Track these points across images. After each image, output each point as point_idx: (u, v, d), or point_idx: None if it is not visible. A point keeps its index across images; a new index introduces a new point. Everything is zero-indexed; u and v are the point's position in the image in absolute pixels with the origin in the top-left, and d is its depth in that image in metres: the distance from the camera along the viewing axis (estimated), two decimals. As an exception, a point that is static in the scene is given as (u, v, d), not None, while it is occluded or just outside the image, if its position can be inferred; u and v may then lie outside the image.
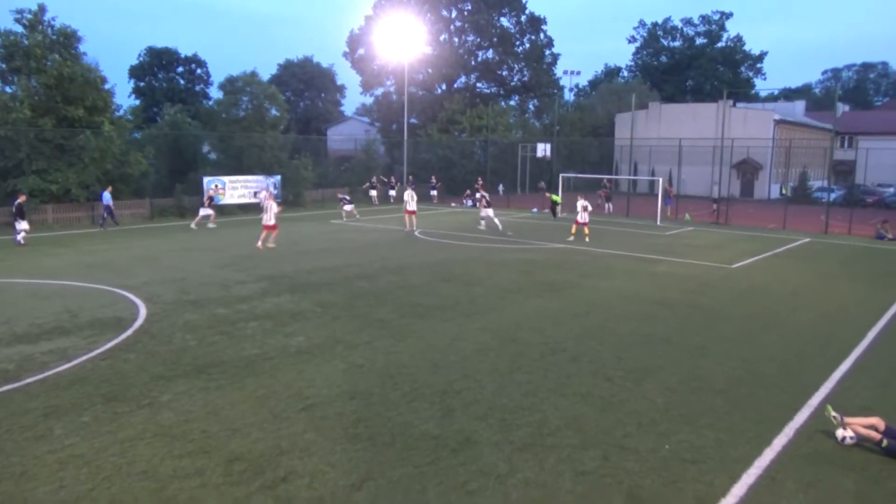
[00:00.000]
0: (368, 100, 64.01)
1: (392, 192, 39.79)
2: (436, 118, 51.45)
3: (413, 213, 25.78)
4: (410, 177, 42.18)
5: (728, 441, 6.95)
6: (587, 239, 22.59)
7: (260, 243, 20.43)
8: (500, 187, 45.28)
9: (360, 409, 7.61)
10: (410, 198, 25.88)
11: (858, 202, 39.14)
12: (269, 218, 20.52)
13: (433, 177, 40.99)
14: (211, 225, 26.56)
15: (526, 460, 6.42)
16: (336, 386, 8.34)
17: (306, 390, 8.17)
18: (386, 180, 40.62)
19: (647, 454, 6.62)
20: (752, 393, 8.38)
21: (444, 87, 55.96)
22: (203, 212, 26.72)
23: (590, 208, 23.48)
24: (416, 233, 24.72)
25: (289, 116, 40.11)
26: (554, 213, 31.91)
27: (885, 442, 6.72)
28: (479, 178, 39.12)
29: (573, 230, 23.45)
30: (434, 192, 39.67)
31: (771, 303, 13.74)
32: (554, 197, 32.18)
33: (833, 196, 35.64)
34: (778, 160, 48.90)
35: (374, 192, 38.56)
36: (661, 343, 10.48)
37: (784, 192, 44.52)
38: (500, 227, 25.47)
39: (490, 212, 26.03)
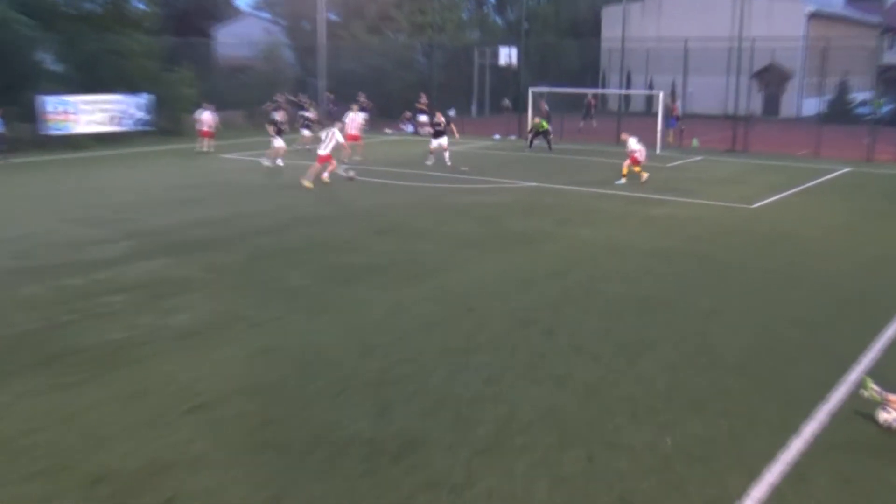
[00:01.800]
0: (270, -12, 62.23)
1: (308, 115, 39.19)
2: (363, 14, 50.45)
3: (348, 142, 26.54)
4: (330, 94, 41.46)
5: (745, 431, 7.20)
6: (644, 177, 21.94)
7: (308, 183, 20.70)
8: (452, 109, 44.93)
9: (268, 408, 7.57)
10: (351, 121, 27.05)
11: (911, 119, 40.40)
12: (324, 147, 20.86)
13: (361, 95, 40.40)
14: (278, 161, 25.60)
15: (489, 466, 6.53)
16: (235, 378, 8.27)
17: (195, 385, 8.09)
18: (295, 99, 39.86)
19: (644, 451, 6.80)
20: (775, 368, 8.68)
21: (372, -30, 54.76)
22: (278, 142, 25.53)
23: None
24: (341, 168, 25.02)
25: (161, 11, 38.71)
26: (534, 141, 31.66)
27: (937, 424, 7.07)
28: (422, 96, 38.71)
29: (639, 170, 22.05)
30: (362, 116, 39.22)
31: (799, 251, 14.17)
32: (542, 123, 31.81)
33: (881, 112, 36.65)
34: (811, 66, 49.88)
35: (279, 115, 37.80)
36: (661, 308, 10.71)
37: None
38: (448, 161, 25.50)
39: (442, 141, 25.95)
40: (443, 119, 27.00)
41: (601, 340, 9.45)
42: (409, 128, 38.77)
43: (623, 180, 21.99)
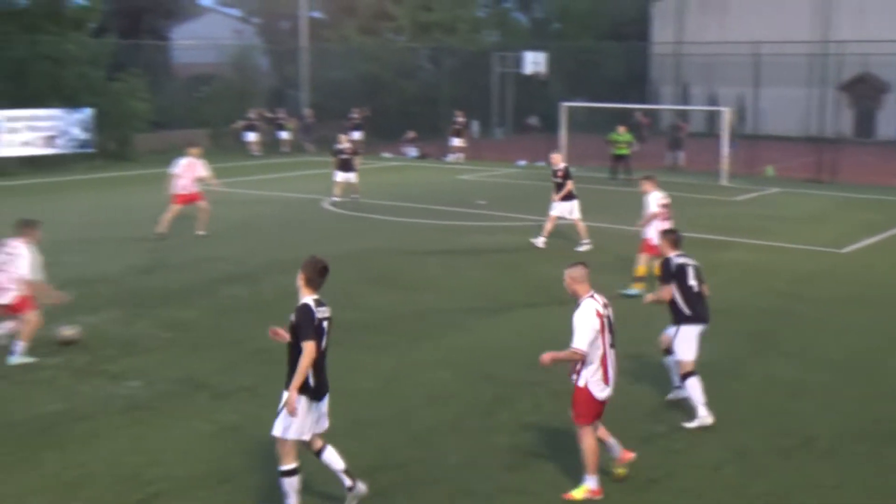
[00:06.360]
0: (240, -20, 63.09)
1: (284, 135, 39.37)
2: (354, 11, 50.97)
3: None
4: (308, 110, 41.62)
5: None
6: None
7: None
8: (475, 125, 44.77)
9: (237, 501, 7.56)
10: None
11: None
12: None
13: (355, 110, 40.56)
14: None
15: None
16: (197, 462, 8.25)
17: (146, 471, 8.06)
18: (273, 115, 40.16)
19: None
20: (873, 453, 8.66)
21: (368, -42, 55.53)
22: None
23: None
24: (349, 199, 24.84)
25: (104, 7, 39.23)
26: (619, 168, 31.22)
27: None
28: (459, 114, 38.16)
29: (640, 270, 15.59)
30: (357, 135, 39.58)
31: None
32: (615, 136, 31.06)
33: None
34: (915, 76, 49.94)
35: (252, 136, 38.10)
36: (720, 376, 10.63)
37: None
38: (337, 196, 24.97)
39: (350, 176, 24.93)
40: (349, 143, 26.16)
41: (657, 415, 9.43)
42: (412, 152, 38.94)
43: (634, 289, 15.00)
